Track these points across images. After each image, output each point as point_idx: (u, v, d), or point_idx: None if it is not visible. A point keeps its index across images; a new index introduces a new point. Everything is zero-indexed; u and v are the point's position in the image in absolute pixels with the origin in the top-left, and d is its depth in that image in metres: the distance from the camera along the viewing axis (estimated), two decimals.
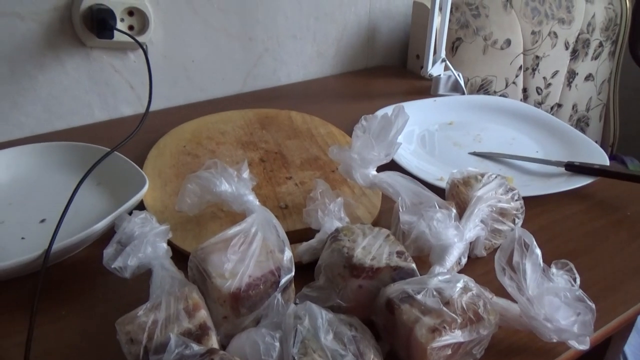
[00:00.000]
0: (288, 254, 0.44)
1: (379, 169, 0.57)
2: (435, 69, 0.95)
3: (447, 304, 0.39)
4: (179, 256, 0.48)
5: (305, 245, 0.51)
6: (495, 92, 1.15)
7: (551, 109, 1.30)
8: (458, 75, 0.95)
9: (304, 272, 0.48)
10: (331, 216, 0.52)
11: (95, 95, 0.82)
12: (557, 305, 0.40)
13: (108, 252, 0.44)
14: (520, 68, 1.18)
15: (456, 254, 0.47)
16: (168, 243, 0.47)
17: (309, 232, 0.53)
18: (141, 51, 0.80)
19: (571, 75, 1.30)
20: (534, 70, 1.21)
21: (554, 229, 0.60)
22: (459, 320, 0.38)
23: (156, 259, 0.45)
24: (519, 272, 0.40)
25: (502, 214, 0.52)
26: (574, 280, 0.42)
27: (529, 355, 0.43)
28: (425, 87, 0.99)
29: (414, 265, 0.44)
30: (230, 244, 0.42)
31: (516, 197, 0.54)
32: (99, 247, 0.45)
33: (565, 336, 0.40)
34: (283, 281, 0.42)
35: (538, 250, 0.41)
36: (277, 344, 0.37)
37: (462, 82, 0.95)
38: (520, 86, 1.20)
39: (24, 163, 0.65)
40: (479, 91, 1.12)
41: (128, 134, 0.68)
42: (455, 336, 0.38)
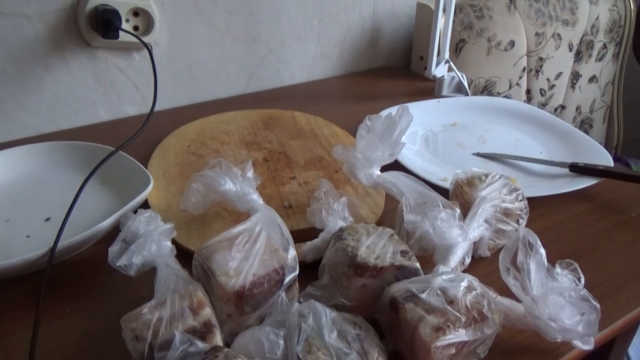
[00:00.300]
0: (292, 252, 0.44)
1: (383, 169, 0.57)
2: (439, 70, 0.95)
3: (451, 303, 0.39)
4: (183, 255, 0.48)
5: (309, 244, 0.51)
6: (498, 94, 1.15)
7: (555, 110, 1.29)
8: (462, 76, 0.95)
9: (308, 271, 0.48)
10: (335, 216, 0.52)
11: (100, 95, 0.83)
12: (561, 304, 0.40)
13: (113, 250, 0.44)
14: (524, 69, 1.18)
15: (460, 253, 0.47)
16: (172, 242, 0.47)
17: (312, 232, 0.53)
18: (146, 51, 0.81)
19: (575, 76, 1.29)
20: (537, 71, 1.21)
21: (558, 230, 0.59)
22: (463, 320, 0.38)
23: (161, 257, 0.45)
24: (523, 272, 0.40)
25: (506, 214, 0.52)
26: (579, 280, 0.42)
27: (533, 354, 0.43)
28: (428, 88, 0.99)
29: (418, 265, 0.44)
30: (234, 243, 0.42)
31: (520, 198, 0.53)
32: (103, 246, 0.45)
33: (570, 336, 0.40)
34: (287, 280, 0.42)
35: (542, 250, 0.41)
36: (282, 342, 0.37)
37: (465, 83, 0.95)
38: (524, 87, 1.20)
39: (29, 162, 0.66)
40: (482, 92, 1.12)
41: (132, 133, 0.68)
42: (460, 335, 0.38)
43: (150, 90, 0.77)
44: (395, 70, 1.12)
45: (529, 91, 1.22)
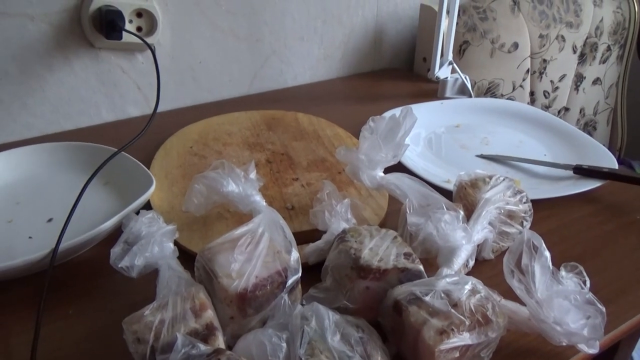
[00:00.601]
0: (295, 254, 0.43)
1: (386, 171, 0.57)
2: (443, 72, 0.95)
3: (455, 306, 0.39)
4: (185, 257, 0.48)
5: (312, 246, 0.50)
6: (502, 95, 1.15)
7: (558, 112, 1.29)
8: (465, 78, 0.95)
9: (311, 273, 0.48)
10: (338, 217, 0.51)
11: (103, 96, 0.83)
12: (566, 308, 0.39)
13: (115, 251, 0.44)
14: (528, 71, 1.17)
15: (464, 256, 0.47)
16: (174, 243, 0.47)
17: (315, 234, 0.53)
18: (149, 52, 0.81)
19: (579, 79, 1.29)
20: (541, 73, 1.20)
21: (562, 232, 0.59)
22: (467, 323, 0.38)
23: (163, 259, 0.44)
24: (527, 275, 0.40)
25: (510, 216, 0.52)
26: (584, 283, 0.41)
27: (538, 358, 0.43)
28: (432, 89, 0.98)
29: (421, 267, 0.44)
30: (237, 244, 0.42)
31: (524, 200, 0.53)
32: (106, 247, 0.45)
33: (575, 340, 0.40)
34: (290, 282, 0.42)
35: (547, 253, 0.40)
36: (284, 344, 0.37)
37: (469, 85, 0.95)
38: (528, 89, 1.20)
39: (32, 163, 0.66)
40: (485, 94, 1.12)
41: (135, 134, 0.68)
42: (464, 339, 0.37)
43: (153, 91, 0.77)
44: (398, 71, 1.12)
45: (532, 93, 1.22)
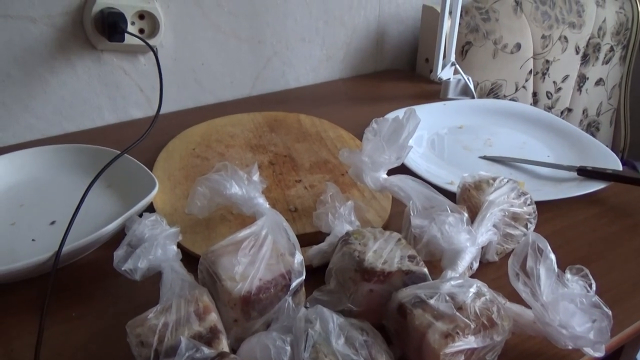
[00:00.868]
0: (299, 257, 0.43)
1: (389, 173, 0.56)
2: (445, 73, 0.95)
3: (460, 309, 0.38)
4: (189, 259, 0.48)
5: (315, 248, 0.50)
6: (505, 96, 1.15)
7: (561, 113, 1.29)
8: (468, 79, 0.94)
9: (315, 275, 0.47)
10: (341, 220, 0.51)
11: (106, 98, 0.83)
12: (572, 311, 0.39)
13: (118, 254, 0.44)
14: (530, 72, 1.17)
15: (468, 258, 0.47)
16: (177, 246, 0.47)
17: (318, 236, 0.53)
18: (151, 54, 0.81)
19: (582, 79, 1.29)
20: (544, 74, 1.20)
21: (567, 234, 0.59)
22: (472, 326, 0.38)
23: (166, 262, 0.44)
24: (533, 278, 0.40)
25: (515, 218, 0.52)
26: (590, 286, 0.41)
27: None
28: (434, 90, 0.98)
29: (425, 270, 0.43)
30: (240, 247, 0.42)
31: (528, 202, 0.53)
32: (109, 249, 0.45)
33: (581, 343, 0.40)
34: (294, 285, 0.42)
35: (552, 255, 0.40)
36: (288, 347, 0.37)
37: (471, 86, 0.95)
38: (530, 90, 1.20)
39: (34, 165, 0.66)
40: (488, 95, 1.12)
41: (138, 136, 0.68)
42: (469, 342, 0.37)
43: (156, 93, 0.77)
44: (400, 72, 1.11)
45: (535, 94, 1.21)
